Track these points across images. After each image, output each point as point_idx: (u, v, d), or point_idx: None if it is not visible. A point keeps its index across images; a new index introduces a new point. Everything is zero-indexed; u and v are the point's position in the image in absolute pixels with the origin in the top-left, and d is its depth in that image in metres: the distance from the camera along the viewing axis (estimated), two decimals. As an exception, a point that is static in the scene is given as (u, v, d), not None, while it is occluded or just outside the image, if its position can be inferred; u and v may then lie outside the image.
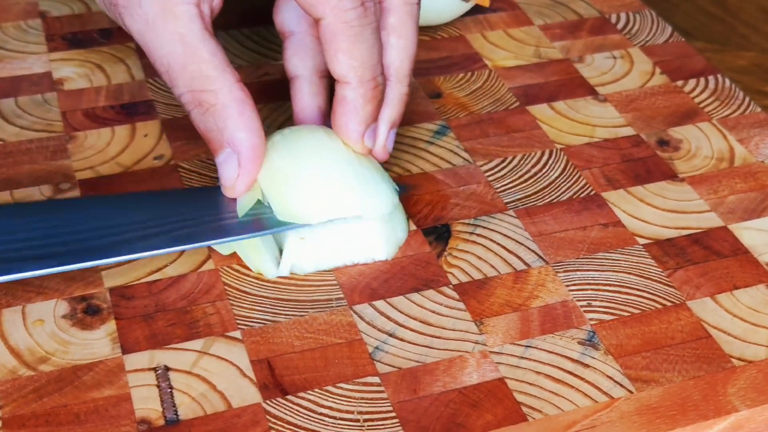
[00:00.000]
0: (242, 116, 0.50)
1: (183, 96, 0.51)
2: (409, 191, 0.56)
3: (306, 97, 0.56)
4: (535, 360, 0.47)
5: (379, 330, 0.48)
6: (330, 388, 0.46)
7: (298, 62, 0.56)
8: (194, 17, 0.50)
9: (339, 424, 0.44)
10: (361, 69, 0.51)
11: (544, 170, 0.58)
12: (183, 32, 0.50)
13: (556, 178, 0.58)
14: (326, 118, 0.56)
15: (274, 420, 0.44)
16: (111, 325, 0.48)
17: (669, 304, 0.50)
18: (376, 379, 0.46)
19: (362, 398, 0.45)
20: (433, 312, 0.49)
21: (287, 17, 0.56)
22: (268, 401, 0.45)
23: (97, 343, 0.47)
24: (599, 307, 0.50)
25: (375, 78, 0.52)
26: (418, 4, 0.54)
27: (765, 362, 0.47)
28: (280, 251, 0.52)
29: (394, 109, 0.54)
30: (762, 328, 0.49)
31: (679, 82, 0.66)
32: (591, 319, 0.49)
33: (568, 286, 0.51)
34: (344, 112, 0.52)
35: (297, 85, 0.57)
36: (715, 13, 0.77)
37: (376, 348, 0.48)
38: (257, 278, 0.51)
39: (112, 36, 0.69)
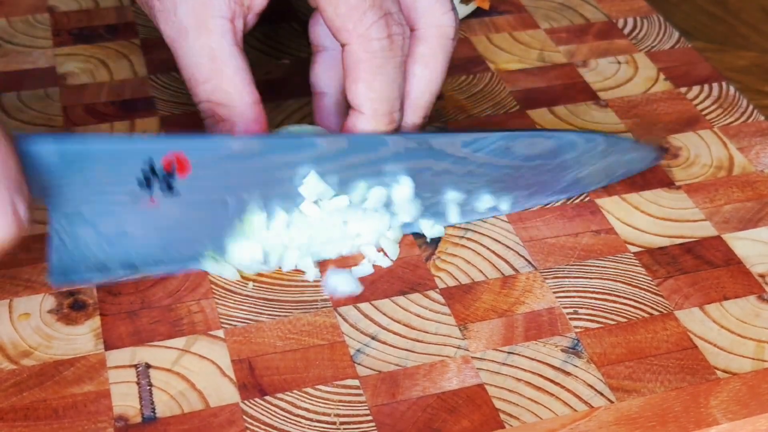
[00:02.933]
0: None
1: (201, 104, 0.52)
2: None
3: (329, 114, 0.56)
4: (516, 366, 0.47)
5: (361, 332, 0.48)
6: (309, 389, 0.46)
7: (327, 79, 0.56)
8: (227, 32, 0.51)
9: (315, 426, 0.44)
10: (378, 102, 0.50)
11: (540, 175, 0.58)
12: (214, 47, 0.50)
13: (551, 183, 0.57)
14: None
15: (250, 420, 0.44)
16: (95, 321, 0.48)
17: (656, 313, 0.50)
18: (356, 382, 0.46)
19: (340, 401, 0.45)
20: (418, 316, 0.49)
21: (323, 32, 0.55)
22: (245, 401, 0.45)
23: (81, 338, 0.48)
24: (585, 314, 0.50)
25: (391, 114, 0.51)
26: (454, 39, 0.53)
27: (750, 375, 0.47)
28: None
29: None
30: (749, 339, 0.49)
31: (683, 89, 0.65)
32: (576, 327, 0.49)
33: (555, 292, 0.51)
34: None
35: (322, 101, 0.56)
36: (715, 13, 0.76)
37: (358, 351, 0.48)
38: (244, 278, 0.51)
39: (118, 32, 0.69)
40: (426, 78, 0.52)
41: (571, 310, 0.50)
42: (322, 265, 0.52)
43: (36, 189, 0.44)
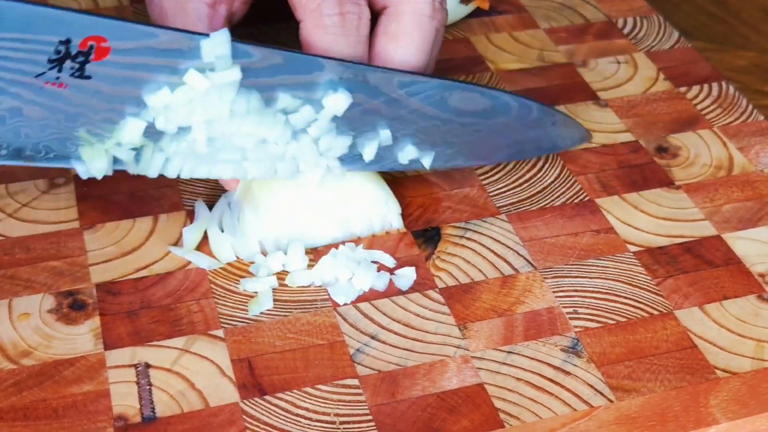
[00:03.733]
0: None
1: None
2: None
3: None
4: (516, 366, 0.47)
5: (361, 332, 0.48)
6: (308, 389, 0.46)
7: None
8: (203, 16, 0.51)
9: (315, 426, 0.44)
10: None
11: (539, 175, 0.58)
12: (189, 26, 0.50)
13: (551, 182, 0.57)
14: None
15: (250, 420, 0.44)
16: (95, 321, 0.48)
17: (656, 313, 0.50)
18: (355, 382, 0.46)
19: (340, 400, 0.45)
20: (417, 315, 0.49)
21: None
22: (245, 401, 0.45)
23: (80, 338, 0.48)
24: (585, 314, 0.50)
25: None
26: (432, 17, 0.52)
27: (750, 374, 0.47)
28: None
29: None
30: (749, 339, 0.49)
31: (683, 89, 0.65)
32: (576, 327, 0.49)
33: (555, 292, 0.51)
34: None
35: None
36: (715, 13, 0.76)
37: (358, 350, 0.47)
38: (244, 276, 0.51)
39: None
40: (399, 57, 0.52)
41: (570, 310, 0.50)
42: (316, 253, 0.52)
43: None
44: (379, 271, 0.51)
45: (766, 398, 0.46)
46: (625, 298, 0.50)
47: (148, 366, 0.46)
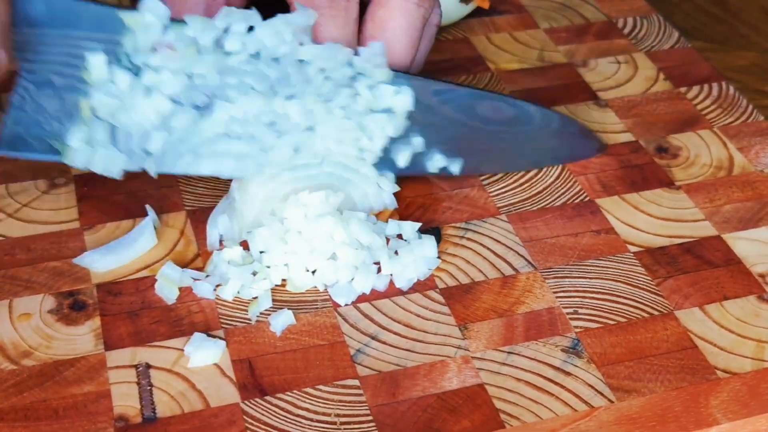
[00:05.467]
0: None
1: None
2: None
3: None
4: (516, 366, 0.47)
5: (362, 332, 0.48)
6: (309, 389, 0.46)
7: None
8: (200, 3, 0.52)
9: (315, 426, 0.44)
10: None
11: (539, 175, 0.58)
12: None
13: (551, 183, 0.57)
14: None
15: (250, 420, 0.44)
16: (96, 321, 0.48)
17: (656, 313, 0.50)
18: (356, 382, 0.46)
19: (340, 401, 0.45)
20: (418, 315, 0.49)
21: None
22: (246, 401, 0.45)
23: (81, 338, 0.48)
24: (585, 314, 0.50)
25: None
26: (420, 5, 0.52)
27: (750, 375, 0.47)
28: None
29: None
30: (749, 339, 0.49)
31: (683, 89, 0.65)
32: (576, 327, 0.49)
33: (555, 292, 0.51)
34: None
35: None
36: (715, 13, 0.76)
37: (358, 351, 0.47)
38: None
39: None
40: (385, 43, 0.52)
41: (571, 310, 0.50)
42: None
43: (18, 43, 0.44)
44: (379, 272, 0.51)
45: (766, 399, 0.46)
46: (626, 298, 0.50)
47: (148, 366, 0.46)
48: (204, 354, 0.46)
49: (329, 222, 0.50)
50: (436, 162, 0.54)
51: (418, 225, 0.53)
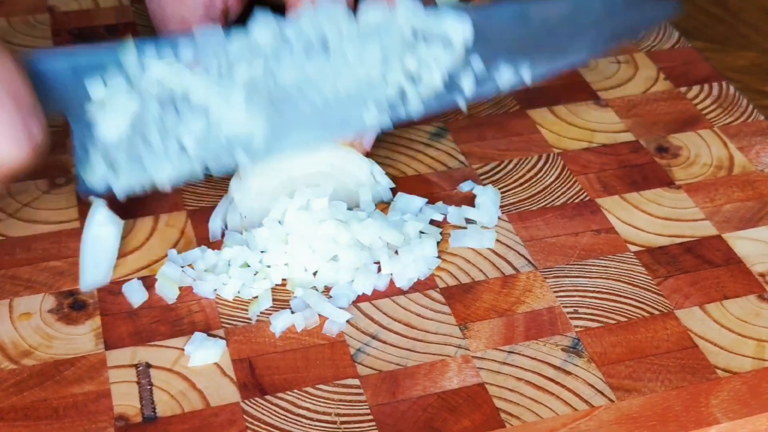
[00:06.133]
0: None
1: None
2: None
3: None
4: (517, 366, 0.47)
5: (362, 332, 0.48)
6: (309, 389, 0.46)
7: None
8: (199, 5, 0.52)
9: (315, 425, 0.44)
10: None
11: (540, 175, 0.58)
12: (185, 15, 0.52)
13: (552, 182, 0.57)
14: None
15: (251, 420, 0.44)
16: (96, 321, 0.48)
17: (657, 312, 0.50)
18: (356, 381, 0.46)
19: (341, 400, 0.45)
20: (418, 315, 0.49)
21: None
22: (246, 401, 0.45)
23: (81, 338, 0.48)
24: (586, 314, 0.50)
25: None
26: None
27: (750, 374, 0.47)
28: None
29: None
30: (750, 339, 0.49)
31: (683, 89, 0.65)
32: (576, 326, 0.49)
33: (555, 292, 0.51)
34: None
35: None
36: (715, 13, 0.76)
37: (359, 350, 0.47)
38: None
39: (118, 32, 0.69)
40: None
41: (571, 310, 0.50)
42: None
43: (52, 106, 0.45)
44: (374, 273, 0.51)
45: (766, 398, 0.46)
46: (626, 297, 0.50)
47: (149, 366, 0.46)
48: (204, 353, 0.46)
49: (331, 226, 0.50)
50: (504, 77, 0.53)
51: (420, 225, 0.53)
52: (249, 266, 0.50)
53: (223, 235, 0.52)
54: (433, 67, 0.51)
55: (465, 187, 0.55)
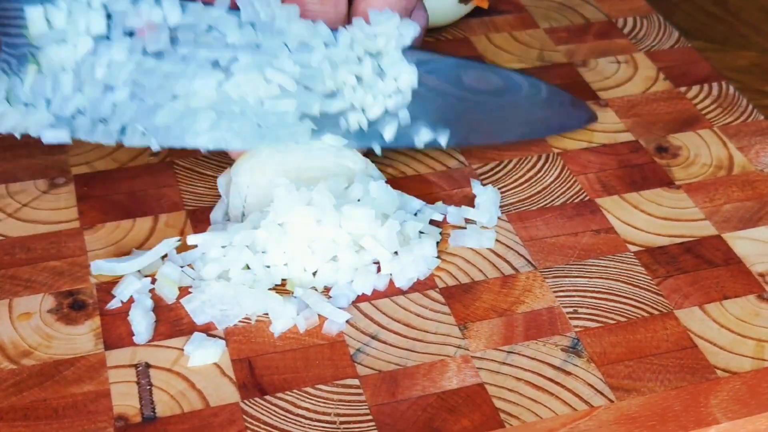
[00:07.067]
0: None
1: None
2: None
3: None
4: (516, 366, 0.47)
5: (362, 332, 0.48)
6: (308, 389, 0.46)
7: None
8: None
9: (315, 425, 0.44)
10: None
11: (540, 174, 0.58)
12: None
13: (551, 182, 0.57)
14: None
15: (250, 420, 0.44)
16: (95, 321, 0.48)
17: (656, 312, 0.50)
18: (356, 382, 0.46)
19: (340, 400, 0.45)
20: (418, 315, 0.49)
21: None
22: (245, 401, 0.45)
23: (81, 338, 0.48)
24: (585, 314, 0.50)
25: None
26: None
27: (750, 374, 0.47)
28: None
29: None
30: (749, 339, 0.49)
31: (683, 88, 0.65)
32: (576, 326, 0.49)
33: (555, 292, 0.51)
34: None
35: None
36: (715, 13, 0.76)
37: (358, 350, 0.47)
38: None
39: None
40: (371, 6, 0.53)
41: (571, 310, 0.50)
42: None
43: None
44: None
45: (766, 398, 0.46)
46: (626, 297, 0.50)
47: (148, 366, 0.46)
48: (204, 353, 0.46)
49: (331, 227, 0.50)
50: (422, 135, 0.54)
51: (420, 225, 0.53)
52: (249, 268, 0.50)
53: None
54: (379, 100, 0.52)
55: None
